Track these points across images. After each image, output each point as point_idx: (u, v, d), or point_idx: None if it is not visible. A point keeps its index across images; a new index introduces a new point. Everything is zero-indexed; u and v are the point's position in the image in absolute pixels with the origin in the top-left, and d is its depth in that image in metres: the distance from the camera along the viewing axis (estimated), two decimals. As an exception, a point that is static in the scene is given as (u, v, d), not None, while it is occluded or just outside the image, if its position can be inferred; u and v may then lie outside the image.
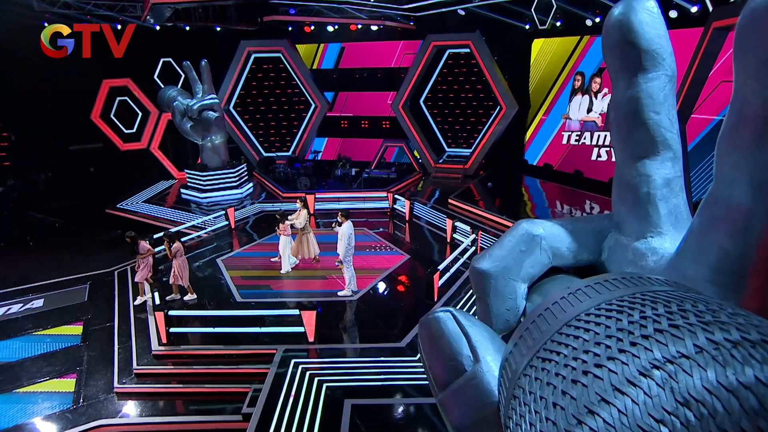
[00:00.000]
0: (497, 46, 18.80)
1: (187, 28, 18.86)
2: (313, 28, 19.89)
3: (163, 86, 19.02)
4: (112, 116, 20.26)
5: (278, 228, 10.98)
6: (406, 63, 20.70)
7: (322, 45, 21.48)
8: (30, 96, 18.42)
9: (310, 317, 7.99)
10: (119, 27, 18.55)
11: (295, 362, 7.55)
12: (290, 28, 20.36)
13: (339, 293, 9.73)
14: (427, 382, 0.41)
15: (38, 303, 10.70)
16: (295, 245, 10.97)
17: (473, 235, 11.55)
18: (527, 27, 17.43)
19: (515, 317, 0.43)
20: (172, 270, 9.61)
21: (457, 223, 12.67)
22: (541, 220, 0.47)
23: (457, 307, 0.40)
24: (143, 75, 20.17)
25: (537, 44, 18.24)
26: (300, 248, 10.96)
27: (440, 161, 20.51)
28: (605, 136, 16.50)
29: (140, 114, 20.49)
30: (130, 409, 7.30)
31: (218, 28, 19.26)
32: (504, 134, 19.42)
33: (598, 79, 16.33)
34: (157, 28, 18.69)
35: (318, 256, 11.14)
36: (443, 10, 16.36)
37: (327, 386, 6.98)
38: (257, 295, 9.88)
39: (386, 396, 6.87)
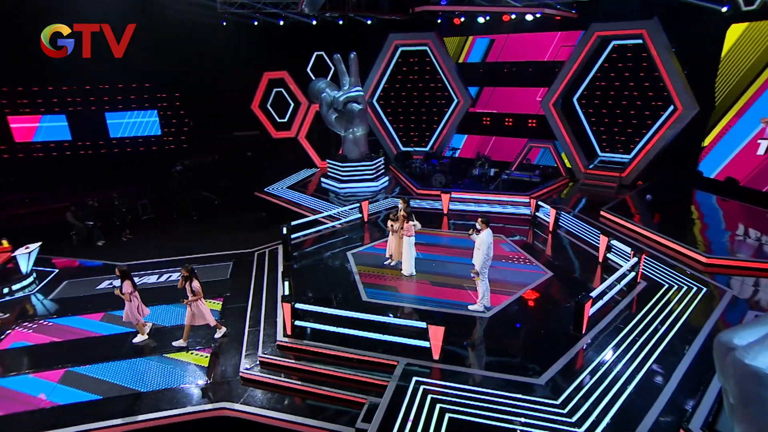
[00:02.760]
0: (677, 34, 15.77)
1: (341, 21, 19.15)
2: (463, 20, 18.79)
3: (314, 78, 19.73)
4: (268, 106, 21.71)
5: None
6: (561, 56, 18.57)
7: (470, 37, 20.32)
8: (206, 86, 20.45)
9: (437, 333, 7.11)
10: (281, 23, 19.57)
11: (416, 380, 6.75)
12: (439, 21, 19.55)
13: (469, 307, 8.68)
14: None
15: (191, 274, 11.51)
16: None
17: (634, 259, 9.56)
18: (724, 10, 14.17)
19: None
20: (191, 311, 8.30)
21: (614, 242, 10.69)
22: None
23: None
24: (298, 68, 21.21)
25: (735, 30, 14.80)
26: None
27: (590, 167, 18.06)
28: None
29: (292, 105, 21.62)
30: (251, 397, 7.21)
31: (369, 21, 19.25)
32: (674, 139, 16.35)
33: (822, 75, 12.62)
34: (314, 23, 19.31)
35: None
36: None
37: (449, 416, 6.06)
38: (383, 297, 9.30)
39: (518, 444, 5.71)
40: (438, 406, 6.24)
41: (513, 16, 17.66)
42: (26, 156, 19.63)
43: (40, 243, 11.97)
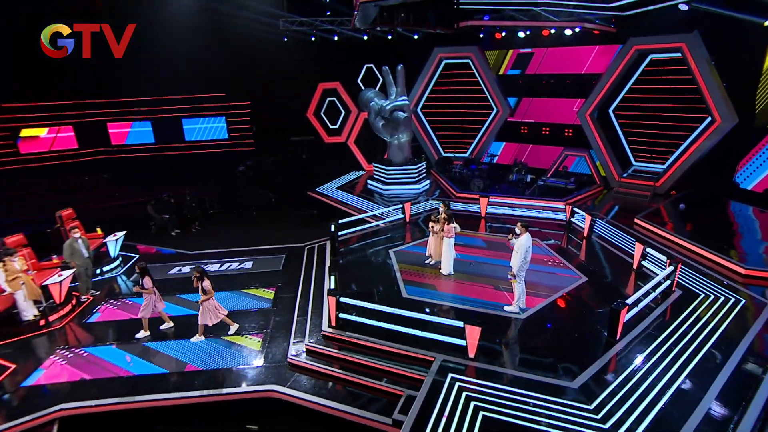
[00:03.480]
0: (717, 48, 14.48)
1: (389, 36, 18.95)
2: (504, 34, 18.12)
3: (363, 88, 19.67)
4: (322, 114, 21.88)
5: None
6: (599, 69, 17.54)
7: (511, 51, 19.61)
8: (267, 96, 20.84)
9: (474, 332, 6.79)
10: (336, 38, 19.60)
11: (452, 377, 6.46)
12: (481, 35, 18.96)
13: (505, 308, 8.27)
14: None
15: (248, 264, 11.71)
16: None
17: (670, 268, 8.81)
18: (767, 23, 12.83)
19: None
20: (206, 311, 8.06)
21: (649, 250, 9.91)
22: None
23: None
24: (349, 79, 21.22)
25: (780, 44, 13.42)
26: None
27: (624, 175, 16.96)
28: None
29: (343, 112, 21.66)
30: (297, 382, 7.14)
31: (416, 36, 18.94)
32: (711, 150, 15.04)
33: None
34: (365, 38, 19.20)
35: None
36: (662, 5, 12.90)
37: (483, 415, 5.74)
38: (422, 294, 9.03)
39: (551, 446, 5.32)
40: (472, 403, 5.93)
41: (552, 31, 16.83)
42: (120, 157, 20.80)
43: (125, 231, 12.51)
